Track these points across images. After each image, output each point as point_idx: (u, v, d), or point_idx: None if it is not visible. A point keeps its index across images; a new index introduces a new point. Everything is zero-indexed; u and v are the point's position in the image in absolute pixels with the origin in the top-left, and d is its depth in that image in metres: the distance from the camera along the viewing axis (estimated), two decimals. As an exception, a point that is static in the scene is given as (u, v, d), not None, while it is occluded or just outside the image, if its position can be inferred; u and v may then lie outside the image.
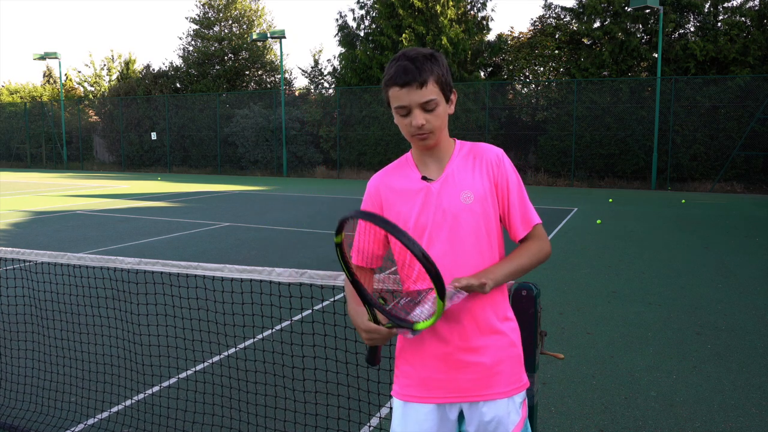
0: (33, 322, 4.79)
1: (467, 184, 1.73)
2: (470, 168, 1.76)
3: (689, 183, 19.56)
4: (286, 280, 2.49)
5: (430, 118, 1.68)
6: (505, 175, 1.76)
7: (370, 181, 1.87)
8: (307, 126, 26.05)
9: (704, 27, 20.71)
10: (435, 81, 1.66)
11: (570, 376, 4.22)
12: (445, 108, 1.71)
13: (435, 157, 1.77)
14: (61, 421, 3.49)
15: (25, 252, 3.26)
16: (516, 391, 1.78)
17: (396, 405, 1.82)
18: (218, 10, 32.11)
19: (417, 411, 1.77)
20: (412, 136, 1.71)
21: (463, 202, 1.72)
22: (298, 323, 5.10)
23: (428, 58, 1.66)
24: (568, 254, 8.54)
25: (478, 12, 24.91)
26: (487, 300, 1.74)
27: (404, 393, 1.79)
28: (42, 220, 12.09)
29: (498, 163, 1.76)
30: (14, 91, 40.95)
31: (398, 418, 1.81)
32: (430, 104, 1.66)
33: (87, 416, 3.55)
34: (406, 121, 1.69)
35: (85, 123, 33.35)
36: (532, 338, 1.96)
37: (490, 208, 1.74)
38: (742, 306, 5.95)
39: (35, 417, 3.54)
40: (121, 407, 3.67)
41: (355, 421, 3.32)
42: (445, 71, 1.70)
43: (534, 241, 1.80)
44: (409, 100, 1.65)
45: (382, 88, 1.72)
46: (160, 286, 5.58)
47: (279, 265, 7.48)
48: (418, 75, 1.63)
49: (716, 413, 3.67)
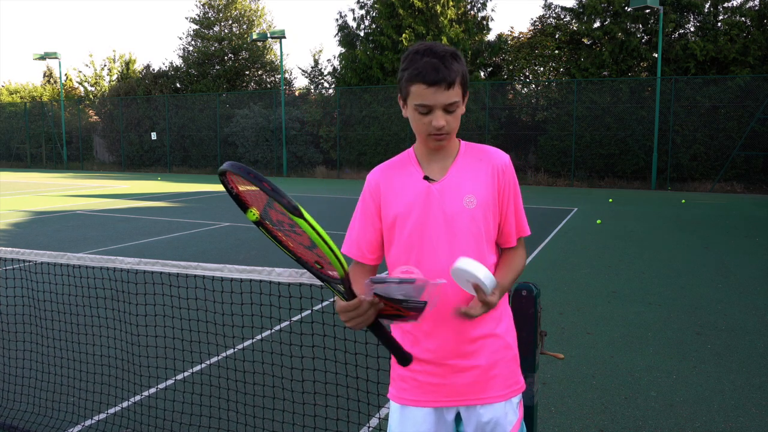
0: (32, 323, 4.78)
1: (471, 188, 1.69)
2: (475, 171, 1.72)
3: (689, 183, 19.56)
4: (286, 281, 2.49)
5: (450, 119, 1.63)
6: (511, 183, 1.75)
7: (369, 174, 1.81)
8: (307, 126, 26.05)
9: (704, 27, 20.70)
10: (460, 82, 1.62)
11: (570, 376, 4.22)
12: (461, 110, 1.67)
13: (440, 156, 1.73)
14: (59, 422, 3.48)
15: (24, 252, 3.25)
16: (513, 393, 1.77)
17: (393, 408, 1.82)
18: (218, 10, 32.10)
19: (414, 414, 1.76)
20: (428, 136, 1.65)
21: (465, 206, 1.68)
22: (297, 323, 5.10)
23: (455, 57, 1.60)
24: (568, 254, 8.54)
25: (478, 12, 24.90)
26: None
27: (401, 396, 1.78)
28: (42, 220, 12.08)
29: (505, 170, 1.74)
30: (14, 91, 40.93)
31: (395, 421, 1.80)
32: (453, 106, 1.61)
33: (86, 417, 3.55)
34: (426, 120, 1.62)
35: (85, 123, 33.34)
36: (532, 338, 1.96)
37: (491, 214, 1.71)
38: (742, 306, 5.95)
39: (33, 418, 3.53)
40: (120, 408, 3.67)
41: (355, 422, 3.32)
42: (466, 70, 1.65)
43: (521, 251, 1.82)
44: (434, 100, 1.58)
45: (403, 81, 1.63)
46: (159, 286, 5.57)
47: (279, 265, 7.47)
48: (448, 75, 1.57)
49: (716, 413, 3.66)
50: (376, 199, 1.77)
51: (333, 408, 3.37)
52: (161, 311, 5.33)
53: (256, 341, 4.76)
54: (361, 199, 1.81)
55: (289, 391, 3.58)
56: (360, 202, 1.81)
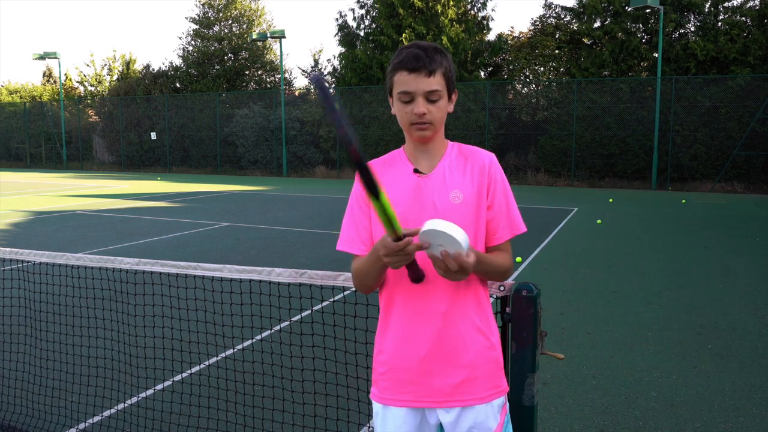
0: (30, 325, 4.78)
1: (457, 184, 1.71)
2: (461, 169, 1.74)
3: (689, 183, 19.55)
4: (286, 281, 2.48)
5: (432, 109, 1.66)
6: (497, 179, 1.74)
7: None
8: (307, 126, 26.04)
9: (705, 27, 20.69)
10: (442, 74, 1.66)
11: (570, 376, 4.21)
12: (446, 103, 1.70)
13: (428, 153, 1.76)
14: (58, 426, 3.48)
15: (23, 252, 3.25)
16: (494, 396, 1.75)
17: (376, 408, 1.81)
18: (218, 10, 32.09)
19: (395, 415, 1.75)
20: (411, 125, 1.68)
21: (452, 201, 1.69)
22: (297, 324, 5.09)
23: (438, 51, 1.67)
24: (568, 254, 8.53)
25: (478, 12, 24.89)
26: (465, 303, 1.71)
27: (382, 396, 1.78)
28: (41, 220, 12.08)
29: (491, 166, 1.75)
30: (14, 91, 40.90)
31: (378, 421, 1.80)
32: (435, 95, 1.65)
33: (84, 419, 3.54)
34: (408, 109, 1.67)
35: (84, 123, 33.33)
36: (532, 338, 1.95)
37: (477, 210, 1.71)
38: (742, 306, 5.94)
39: (32, 421, 3.53)
40: (120, 408, 3.66)
41: (354, 422, 3.32)
42: (452, 68, 1.70)
43: (507, 254, 1.78)
44: (415, 87, 1.64)
45: (389, 73, 1.70)
46: (159, 286, 5.57)
47: (279, 265, 7.47)
48: (429, 63, 1.63)
49: (716, 413, 3.66)
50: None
51: (333, 408, 3.36)
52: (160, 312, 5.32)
53: (255, 341, 4.76)
54: (353, 193, 1.83)
55: (289, 391, 3.57)
56: (353, 196, 1.83)
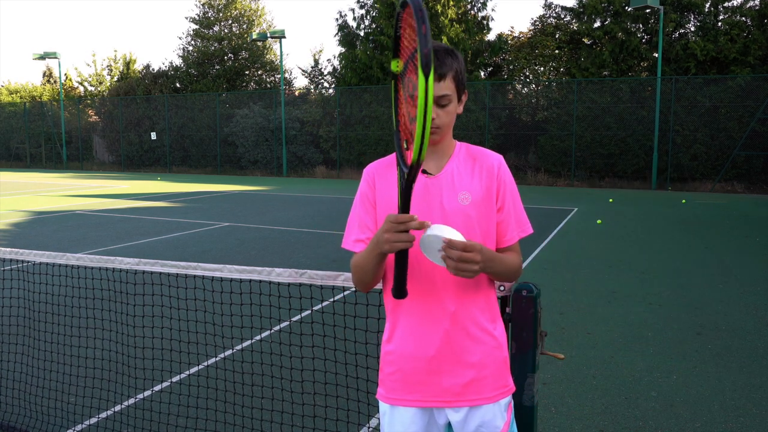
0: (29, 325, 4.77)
1: (466, 185, 1.70)
2: (470, 170, 1.72)
3: (689, 183, 19.55)
4: (286, 281, 2.48)
5: (442, 113, 1.64)
6: (506, 181, 1.74)
7: (367, 167, 1.81)
8: (307, 126, 26.04)
9: (705, 27, 20.69)
10: (453, 77, 1.63)
11: (570, 377, 4.21)
12: (455, 107, 1.68)
13: (436, 154, 1.73)
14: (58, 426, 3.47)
15: (23, 252, 3.24)
16: (501, 395, 1.75)
17: (383, 409, 1.80)
18: (218, 10, 32.09)
19: (403, 415, 1.75)
20: None
21: (460, 202, 1.68)
22: (297, 324, 5.09)
23: (449, 53, 1.63)
24: (568, 254, 8.53)
25: (478, 12, 24.89)
26: (473, 303, 1.71)
27: (389, 396, 1.77)
28: (41, 220, 12.07)
29: (500, 168, 1.74)
30: (14, 91, 40.90)
31: (385, 422, 1.79)
32: (445, 99, 1.63)
33: (85, 417, 3.54)
34: None
35: (84, 123, 33.33)
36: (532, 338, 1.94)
37: (486, 212, 1.70)
38: (742, 306, 5.94)
39: (31, 421, 3.52)
40: (120, 408, 3.66)
41: (354, 422, 3.31)
42: (463, 69, 1.67)
43: (516, 254, 1.77)
44: None
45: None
46: (158, 286, 5.56)
47: (279, 265, 7.46)
48: (439, 67, 1.59)
49: (717, 413, 3.66)
50: (371, 188, 1.76)
51: (333, 408, 3.36)
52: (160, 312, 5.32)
53: (255, 342, 4.75)
54: (359, 191, 1.80)
55: (288, 391, 3.57)
56: (358, 194, 1.80)
